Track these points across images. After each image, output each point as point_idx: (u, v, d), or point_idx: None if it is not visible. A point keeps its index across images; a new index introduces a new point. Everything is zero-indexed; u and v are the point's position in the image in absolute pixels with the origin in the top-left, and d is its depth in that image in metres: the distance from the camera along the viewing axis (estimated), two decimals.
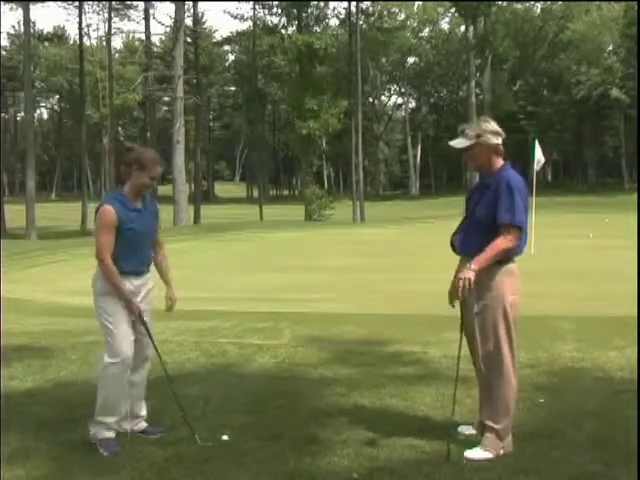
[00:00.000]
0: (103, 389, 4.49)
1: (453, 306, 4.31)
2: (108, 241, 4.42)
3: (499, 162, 4.28)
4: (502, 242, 4.09)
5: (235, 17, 62.53)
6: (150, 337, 4.61)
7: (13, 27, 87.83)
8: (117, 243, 4.44)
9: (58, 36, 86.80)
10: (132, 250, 4.49)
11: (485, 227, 4.16)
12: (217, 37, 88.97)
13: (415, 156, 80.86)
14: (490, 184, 4.22)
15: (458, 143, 4.31)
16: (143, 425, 4.71)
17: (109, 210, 4.43)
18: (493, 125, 4.27)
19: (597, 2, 61.77)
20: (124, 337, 4.46)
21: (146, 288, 4.66)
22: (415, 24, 74.64)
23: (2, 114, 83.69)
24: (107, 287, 4.47)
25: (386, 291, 12.10)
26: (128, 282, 4.49)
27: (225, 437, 4.48)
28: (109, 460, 4.20)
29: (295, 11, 48.88)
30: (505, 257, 4.16)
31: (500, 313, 4.16)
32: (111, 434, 4.46)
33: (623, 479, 3.82)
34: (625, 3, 56.15)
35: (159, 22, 57.37)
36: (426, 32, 76.43)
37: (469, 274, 4.05)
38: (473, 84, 54.61)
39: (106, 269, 4.42)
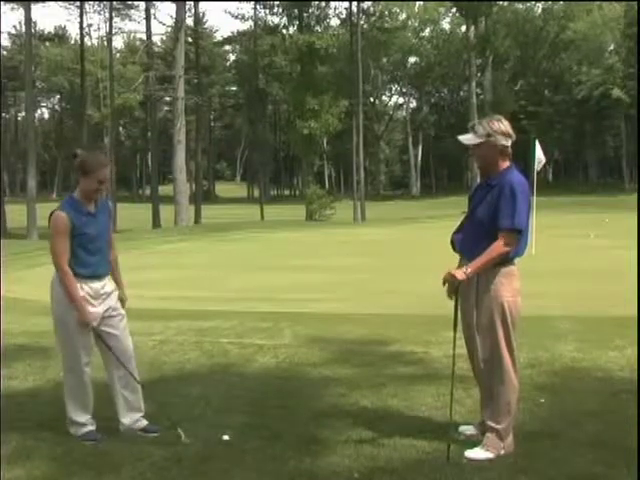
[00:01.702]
0: (67, 392, 4.63)
1: (451, 298, 4.30)
2: (63, 247, 4.44)
3: (505, 164, 4.25)
4: (499, 246, 4.08)
5: (236, 17, 62.71)
6: (108, 347, 4.58)
7: (14, 27, 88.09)
8: (73, 248, 4.46)
9: (59, 36, 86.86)
10: (88, 254, 4.51)
11: (485, 228, 4.15)
12: (218, 37, 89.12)
13: (416, 156, 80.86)
14: (494, 185, 4.20)
15: (466, 139, 4.29)
16: (144, 422, 4.71)
17: (61, 216, 4.45)
18: (505, 126, 4.22)
19: (598, 2, 61.69)
20: (79, 346, 4.53)
21: (108, 289, 4.66)
22: (416, 24, 74.60)
23: (3, 114, 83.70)
24: (64, 296, 4.49)
25: (387, 291, 12.09)
26: (87, 286, 4.50)
27: (226, 437, 4.47)
28: (109, 460, 4.20)
29: (296, 11, 48.86)
30: (504, 259, 4.15)
31: (499, 314, 4.15)
32: (88, 428, 4.58)
33: None
34: (626, 3, 56.09)
35: (160, 22, 57.14)
36: (427, 32, 76.41)
37: (459, 276, 4.07)
38: (474, 84, 54.57)
39: (63, 275, 4.44)
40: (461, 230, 4.39)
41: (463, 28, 62.80)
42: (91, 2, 59.84)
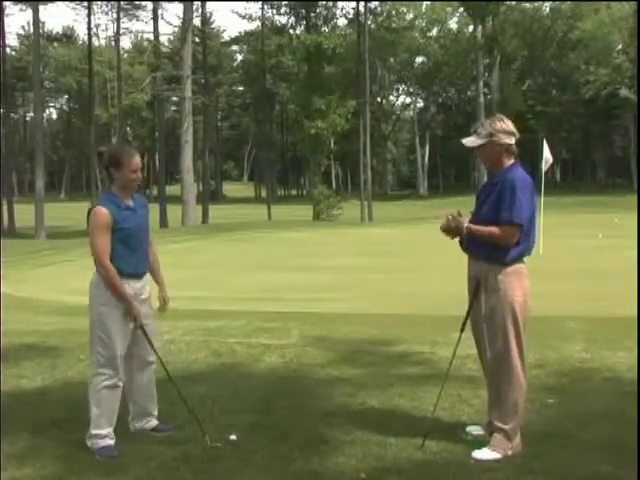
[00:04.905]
0: (96, 402, 4.40)
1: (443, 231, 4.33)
2: (104, 243, 4.33)
3: (509, 161, 4.28)
4: (499, 232, 4.11)
5: (243, 17, 63.00)
6: (150, 343, 4.55)
7: (23, 27, 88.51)
8: (114, 244, 4.35)
9: (67, 36, 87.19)
10: (129, 251, 4.40)
11: (490, 225, 4.16)
12: (225, 37, 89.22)
13: (423, 156, 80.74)
14: (497, 183, 4.23)
15: (470, 142, 4.32)
16: (154, 422, 4.72)
17: (102, 211, 4.34)
18: (507, 125, 4.25)
19: (606, 2, 61.44)
20: (117, 352, 4.39)
21: (146, 291, 4.58)
22: (423, 24, 74.49)
23: (12, 114, 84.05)
24: (106, 296, 4.36)
25: (394, 291, 12.09)
26: (128, 286, 4.39)
27: (233, 437, 4.47)
28: (117, 459, 4.21)
29: (303, 11, 48.93)
30: (513, 258, 4.16)
31: (509, 314, 4.15)
32: (107, 442, 4.37)
33: None
34: (634, 2, 55.85)
35: (167, 22, 57.53)
36: (434, 32, 76.24)
37: (462, 227, 4.17)
38: (481, 84, 54.51)
39: (106, 272, 4.32)
40: None
41: (470, 28, 62.74)
42: (99, 2, 60.07)
